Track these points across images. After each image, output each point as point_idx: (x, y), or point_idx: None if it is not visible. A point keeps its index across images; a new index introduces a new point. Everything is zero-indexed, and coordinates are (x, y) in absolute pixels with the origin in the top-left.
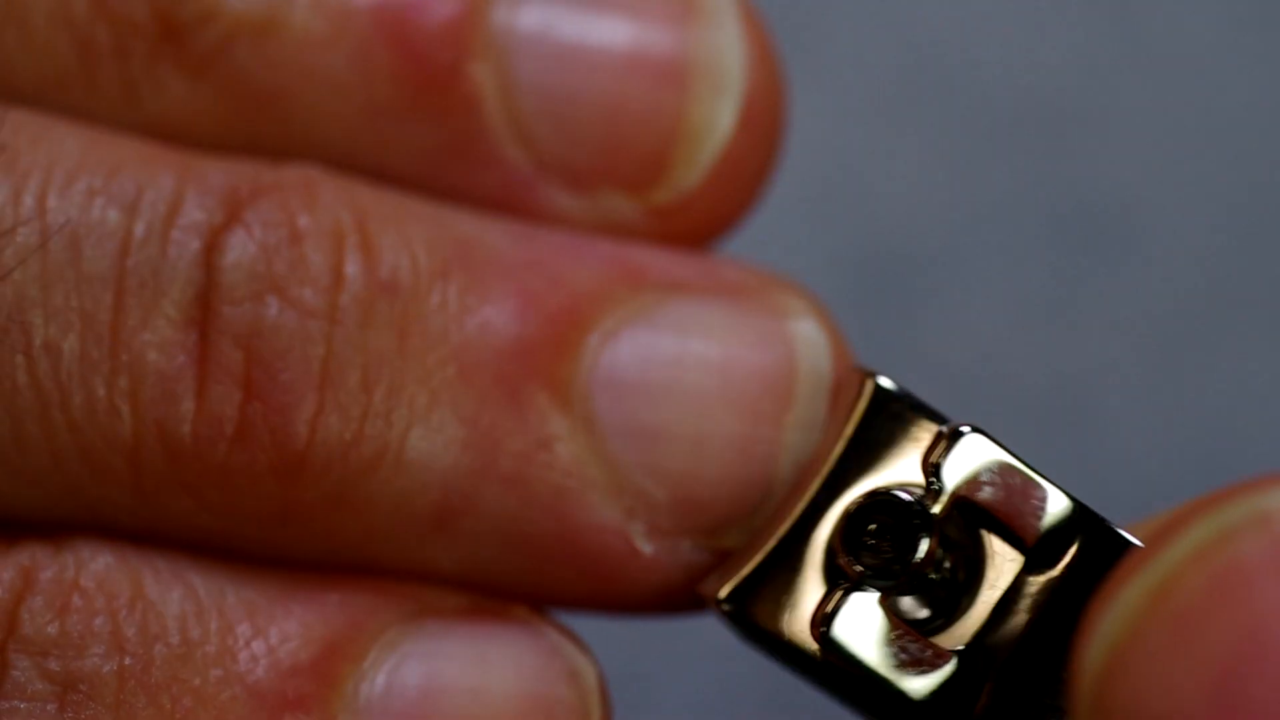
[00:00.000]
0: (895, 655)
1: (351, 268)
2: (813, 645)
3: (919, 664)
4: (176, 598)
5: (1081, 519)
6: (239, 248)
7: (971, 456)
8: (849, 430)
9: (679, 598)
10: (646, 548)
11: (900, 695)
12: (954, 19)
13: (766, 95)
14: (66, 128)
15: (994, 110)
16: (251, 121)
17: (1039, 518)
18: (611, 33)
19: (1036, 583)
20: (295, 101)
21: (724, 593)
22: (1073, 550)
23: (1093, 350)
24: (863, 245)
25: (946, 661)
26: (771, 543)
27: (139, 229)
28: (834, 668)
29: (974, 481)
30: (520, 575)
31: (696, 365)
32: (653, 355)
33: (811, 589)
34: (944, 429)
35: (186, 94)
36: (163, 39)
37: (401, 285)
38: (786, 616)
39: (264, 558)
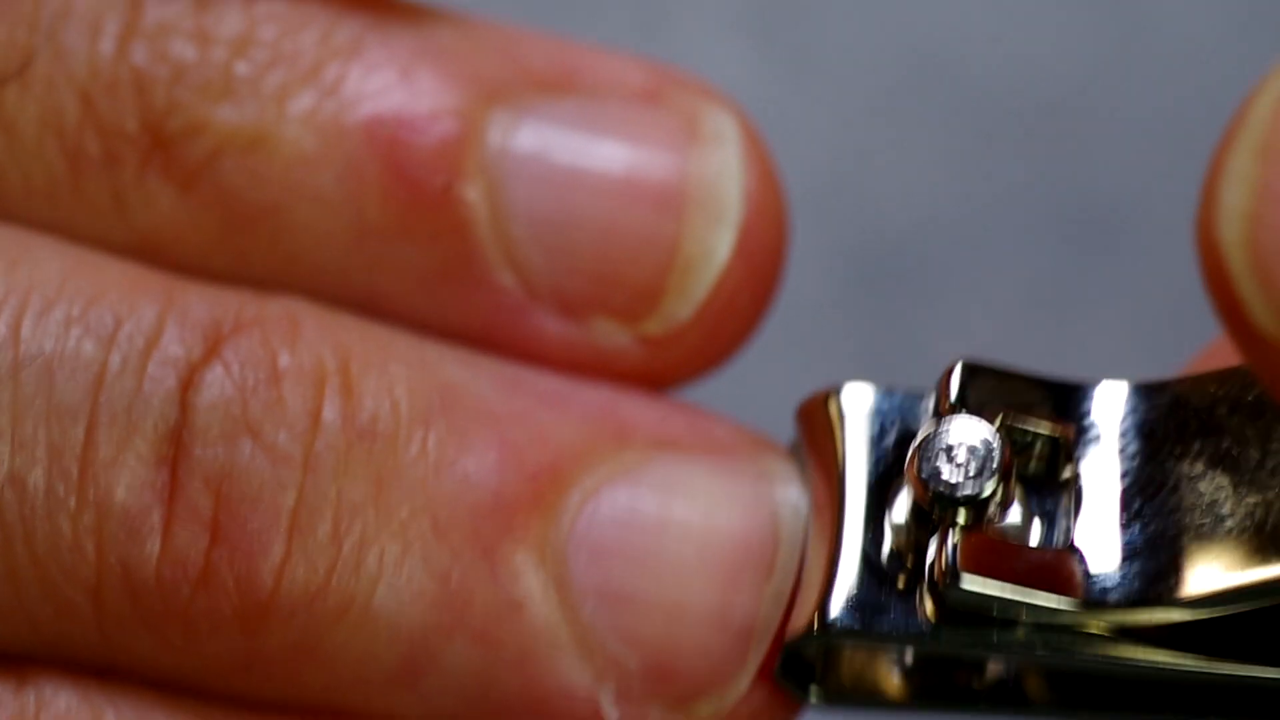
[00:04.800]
0: (1023, 575)
1: (330, 412)
2: (923, 628)
3: (1049, 572)
4: None
5: (1101, 391)
6: (216, 386)
7: (971, 379)
8: (842, 444)
9: None
10: (613, 714)
11: (1047, 610)
12: (955, 18)
13: (766, 225)
14: (48, 249)
15: (995, 109)
16: (240, 238)
17: (1069, 405)
18: (609, 157)
19: (1098, 459)
20: (284, 219)
21: (817, 622)
22: (1112, 416)
23: (1093, 347)
24: (863, 244)
25: (1071, 560)
26: (828, 565)
27: (115, 361)
28: (961, 639)
29: (987, 399)
30: None
31: (677, 532)
32: (633, 518)
33: (902, 570)
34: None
35: (175, 207)
36: (152, 150)
37: (380, 432)
38: (892, 607)
39: (229, 700)
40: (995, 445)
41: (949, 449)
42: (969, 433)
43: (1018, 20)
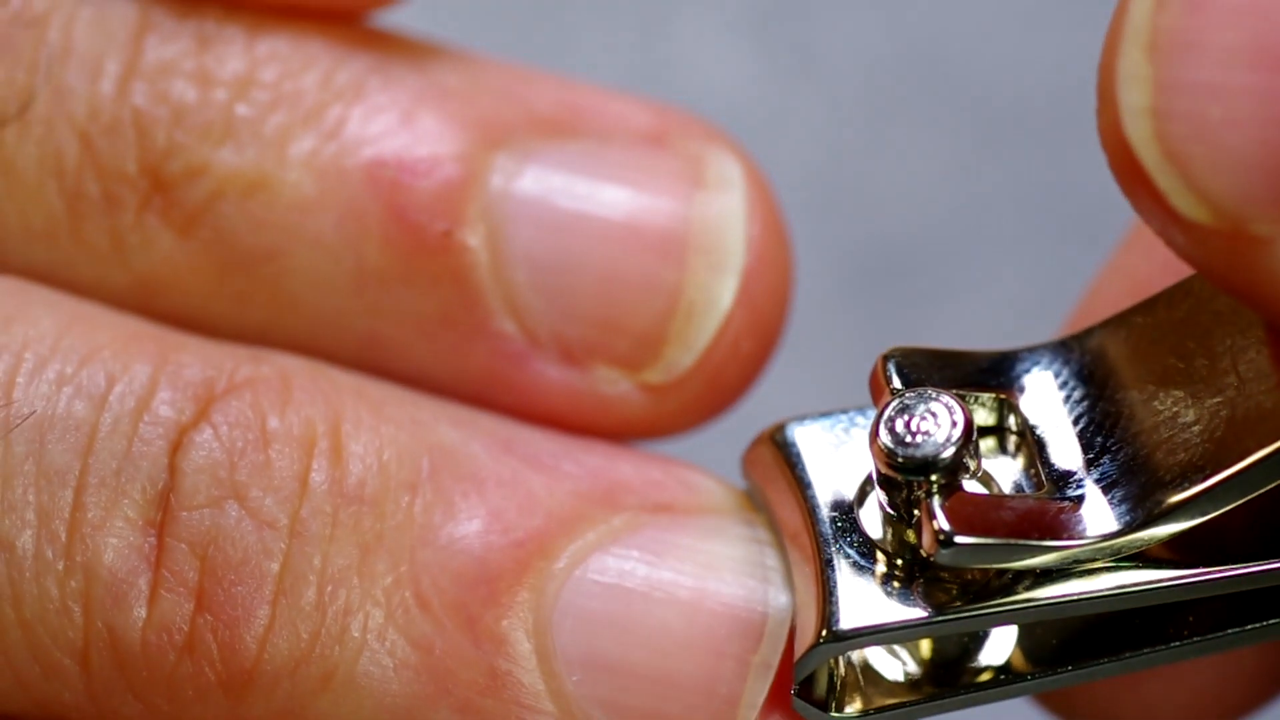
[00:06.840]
0: (1012, 524)
1: (318, 476)
2: (925, 612)
3: (1036, 517)
4: None
5: (1026, 355)
6: (204, 449)
7: (904, 363)
8: (799, 471)
9: None
10: None
11: (1043, 550)
12: (954, 19)
13: (770, 272)
14: (44, 304)
15: (994, 109)
16: (239, 282)
17: (1002, 371)
18: (611, 203)
19: (1046, 412)
20: (284, 263)
21: (826, 631)
22: (1045, 373)
23: None
24: (862, 244)
25: (1054, 503)
26: (820, 580)
27: (105, 422)
28: (966, 610)
29: (924, 379)
30: None
31: (665, 599)
32: (620, 586)
33: (889, 566)
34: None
35: (174, 251)
36: (151, 192)
37: (367, 497)
38: (892, 599)
39: None
40: (951, 405)
41: (907, 418)
42: (922, 402)
43: (1016, 21)
